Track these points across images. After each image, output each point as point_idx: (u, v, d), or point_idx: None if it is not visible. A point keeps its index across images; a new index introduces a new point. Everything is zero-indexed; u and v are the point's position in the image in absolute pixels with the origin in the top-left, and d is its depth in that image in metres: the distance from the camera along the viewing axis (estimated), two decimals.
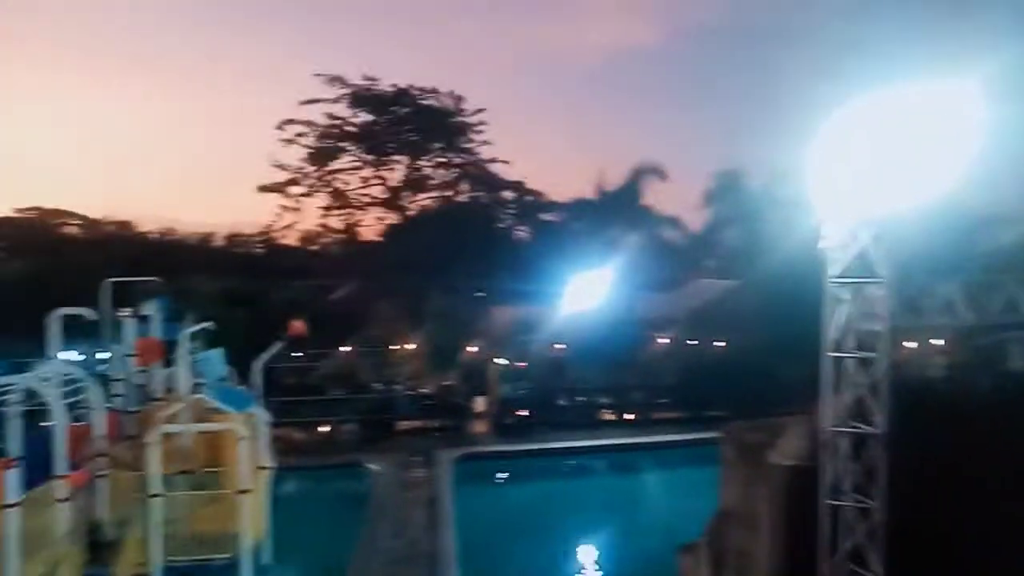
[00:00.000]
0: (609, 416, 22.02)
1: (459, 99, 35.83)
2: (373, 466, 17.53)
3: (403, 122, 35.59)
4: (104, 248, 37.71)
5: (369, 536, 13.14)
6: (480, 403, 22.01)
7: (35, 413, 11.45)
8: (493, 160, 36.15)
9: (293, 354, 21.99)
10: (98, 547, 10.74)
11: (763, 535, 8.37)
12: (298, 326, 16.76)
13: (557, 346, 22.66)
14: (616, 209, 27.31)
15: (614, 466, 19.26)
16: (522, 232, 34.80)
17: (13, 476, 9.28)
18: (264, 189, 34.84)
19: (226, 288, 24.98)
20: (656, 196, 27.97)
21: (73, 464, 10.61)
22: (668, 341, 23.08)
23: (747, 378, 20.42)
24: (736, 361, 21.97)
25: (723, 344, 23.04)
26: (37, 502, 9.75)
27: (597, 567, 13.64)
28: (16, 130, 51.44)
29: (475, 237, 29.15)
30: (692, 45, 47.55)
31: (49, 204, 41.51)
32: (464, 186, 36.40)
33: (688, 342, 23.16)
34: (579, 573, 13.41)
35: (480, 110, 35.80)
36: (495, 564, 13.11)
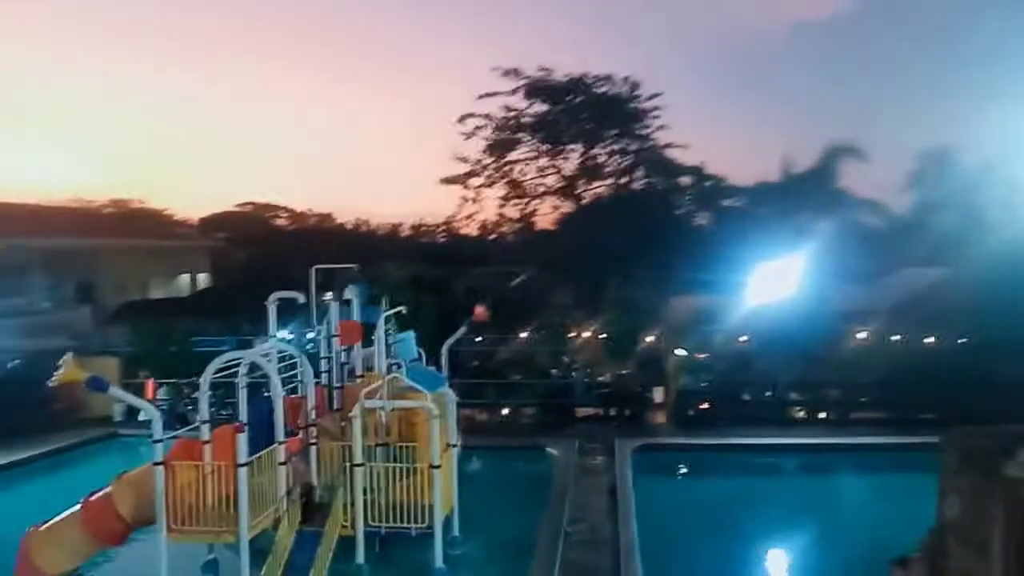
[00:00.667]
0: (800, 414, 20.61)
1: (635, 85, 35.25)
2: (552, 450, 17.77)
3: (578, 111, 35.65)
4: (308, 238, 41.58)
5: (551, 519, 13.29)
6: (659, 393, 21.52)
7: (250, 385, 12.82)
8: (669, 145, 35.23)
9: (475, 339, 22.85)
10: (310, 508, 11.78)
11: (995, 558, 7.39)
12: (481, 312, 17.28)
13: (741, 338, 21.58)
14: (806, 192, 25.52)
15: (806, 467, 18.01)
16: (702, 219, 33.59)
17: (243, 439, 10.43)
18: (446, 181, 36.51)
19: (415, 275, 26.42)
20: (853, 178, 25.74)
21: (289, 431, 11.71)
22: (868, 335, 21.14)
23: (962, 378, 18.34)
24: (949, 359, 19.78)
25: (932, 340, 20.78)
26: (262, 463, 10.88)
27: (790, 569, 12.84)
28: (236, 132, 58.00)
29: (652, 224, 28.56)
30: (888, 11, 43.22)
31: (262, 199, 46.46)
32: (639, 173, 35.78)
33: (892, 337, 21.09)
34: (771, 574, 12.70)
35: (656, 95, 35.01)
36: (677, 558, 12.73)
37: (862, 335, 21.23)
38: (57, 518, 11.32)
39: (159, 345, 23.47)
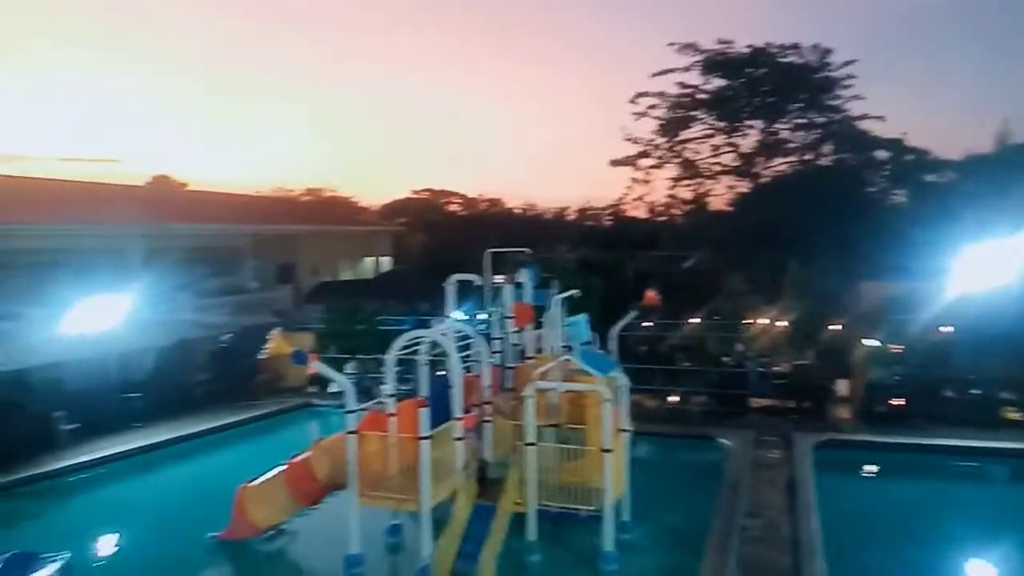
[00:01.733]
0: (1014, 415, 18.21)
1: (824, 52, 32.60)
2: (725, 441, 17.11)
3: (758, 84, 33.68)
4: (479, 222, 43.00)
5: (723, 511, 12.82)
6: (843, 386, 19.95)
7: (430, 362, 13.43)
8: (863, 117, 32.28)
9: (644, 323, 22.47)
10: (484, 483, 12.21)
11: None
12: (652, 296, 16.99)
13: (943, 329, 19.42)
14: None
15: (1018, 475, 15.93)
16: (899, 196, 30.55)
17: (425, 414, 11.00)
18: (616, 163, 36.05)
19: (583, 258, 26.46)
20: None
21: (465, 408, 12.18)
22: None
23: None
24: None
25: None
26: (441, 437, 11.41)
27: None
28: (412, 121, 61.13)
29: (840, 203, 26.37)
30: None
31: (438, 186, 48.63)
32: (827, 148, 33.18)
33: None
34: None
35: (849, 62, 32.16)
36: (862, 561, 11.77)
37: None
38: (265, 477, 12.66)
39: (347, 323, 25.40)
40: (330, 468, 12.10)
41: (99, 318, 19.34)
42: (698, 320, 23.66)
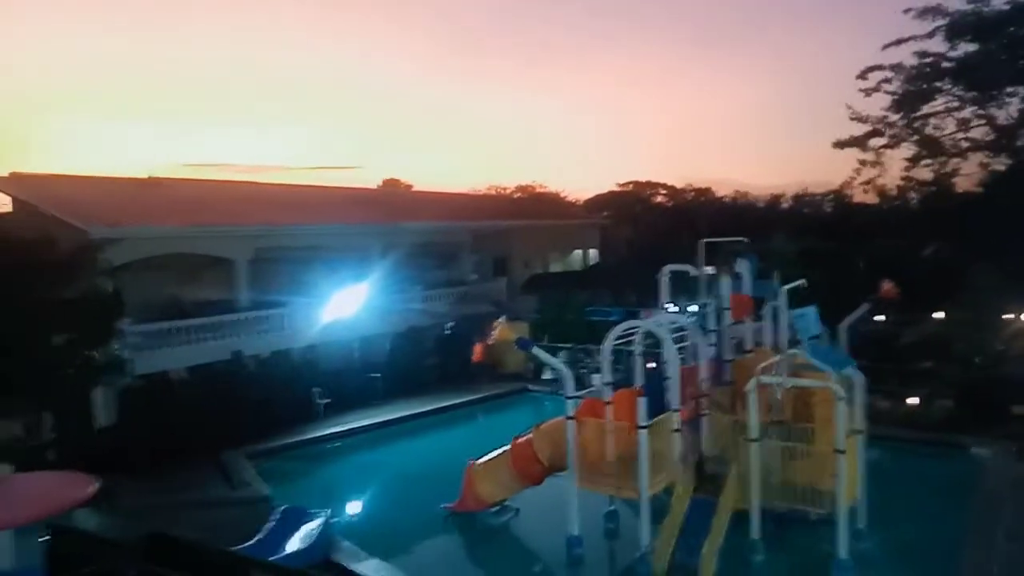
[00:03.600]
0: None
1: None
2: (979, 450, 15.21)
3: (1019, 45, 29.10)
4: (687, 213, 41.96)
5: (977, 530, 11.44)
6: None
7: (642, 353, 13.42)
8: None
9: (876, 318, 20.57)
10: (702, 477, 12.01)
11: None
12: (889, 288, 15.50)
13: None
14: None
15: None
16: None
17: (642, 403, 11.07)
18: (840, 145, 33.20)
19: (806, 247, 24.83)
20: None
21: (682, 401, 12.05)
22: None
23: None
24: None
25: None
26: (659, 428, 11.41)
27: None
28: (608, 116, 61.03)
29: None
30: None
31: (642, 178, 48.18)
32: None
33: None
34: None
35: None
36: None
37: None
38: (491, 455, 13.51)
39: (559, 313, 26.15)
40: (551, 451, 12.63)
41: (345, 306, 21.81)
42: (941, 315, 21.19)
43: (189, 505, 13.88)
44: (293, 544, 11.50)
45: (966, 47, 29.40)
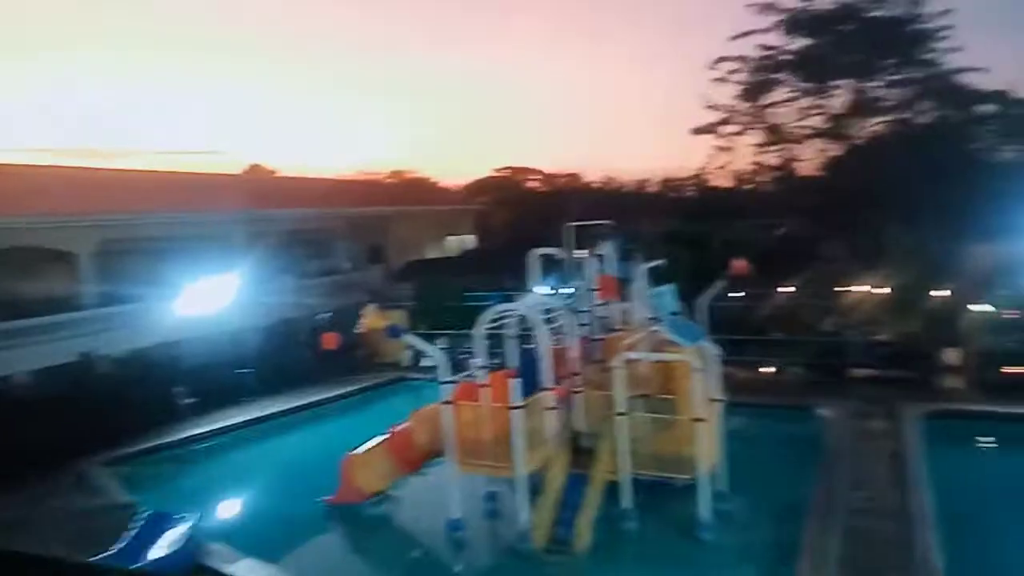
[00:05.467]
0: None
1: (916, 3, 30.58)
2: (823, 411, 16.64)
3: (847, 41, 31.88)
4: (559, 197, 42.92)
5: (824, 483, 12.54)
6: (952, 355, 18.97)
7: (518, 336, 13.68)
8: (963, 70, 30.17)
9: (732, 294, 21.97)
10: (577, 453, 12.41)
11: None
12: (740, 265, 16.58)
13: None
14: None
15: None
16: (1010, 152, 28.50)
17: (516, 384, 11.27)
18: (697, 131, 35.06)
19: (668, 230, 26.05)
20: None
21: (555, 380, 12.38)
22: None
23: None
24: None
25: None
26: (533, 407, 11.67)
27: None
28: (488, 100, 61.34)
29: (943, 163, 24.85)
30: None
31: (517, 163, 48.82)
32: (925, 105, 31.22)
33: None
34: None
35: (946, 11, 30.03)
36: (980, 534, 11.29)
37: None
38: (369, 444, 13.30)
39: (436, 299, 26.06)
40: (428, 436, 12.60)
41: (209, 300, 20.63)
42: (791, 290, 22.96)
43: (42, 518, 12.76)
44: (157, 551, 10.84)
45: (801, 41, 31.83)
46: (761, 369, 20.40)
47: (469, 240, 38.04)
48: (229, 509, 14.89)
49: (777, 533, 11.33)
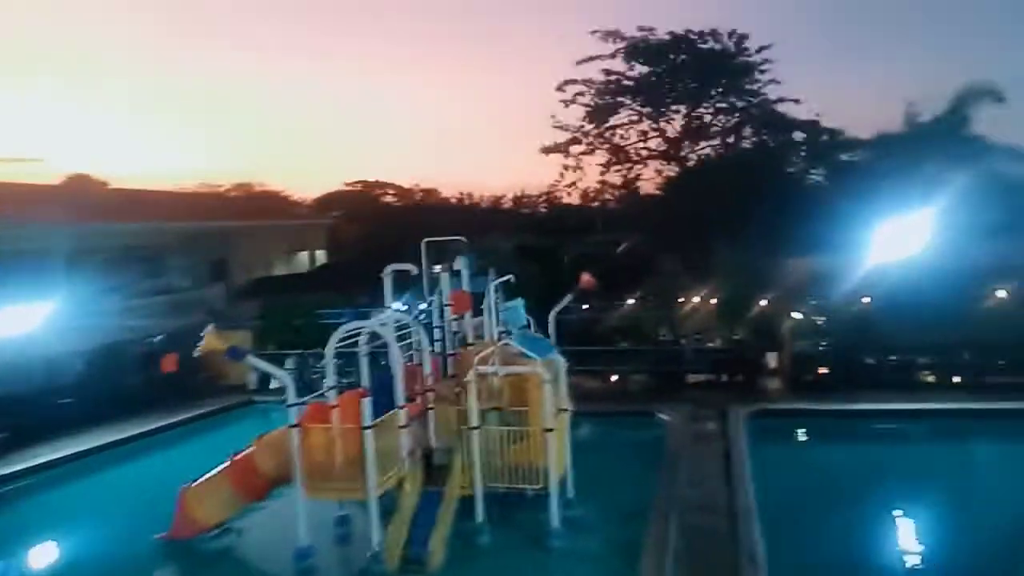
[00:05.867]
0: (930, 378, 19.41)
1: (741, 38, 33.73)
2: (664, 416, 17.69)
3: (681, 70, 34.56)
4: (415, 213, 42.82)
5: (665, 483, 13.32)
6: (773, 359, 20.91)
7: (371, 353, 13.49)
8: (780, 100, 33.59)
9: (582, 307, 22.94)
10: (431, 470, 12.36)
11: None
12: (587, 279, 17.32)
13: (863, 299, 20.50)
14: (934, 141, 23.67)
15: (938, 434, 17.02)
16: (818, 175, 31.93)
17: (367, 403, 11.07)
18: (546, 150, 36.41)
19: (520, 245, 26.70)
20: (990, 123, 23.58)
21: (407, 398, 12.29)
22: (1008, 294, 19.55)
23: None
24: None
25: None
26: (385, 427, 11.50)
27: (921, 542, 12.28)
28: (341, 113, 60.17)
29: (763, 184, 27.42)
30: None
31: (371, 177, 48.16)
32: (748, 131, 34.36)
33: None
34: (905, 546, 12.18)
35: (764, 47, 33.34)
36: (796, 523, 12.48)
37: (1001, 293, 19.68)
38: (208, 474, 12.49)
39: (285, 318, 25.04)
40: (274, 462, 12.04)
41: (20, 322, 18.56)
42: (634, 301, 24.27)
43: None
44: None
45: (640, 68, 34.07)
46: (610, 378, 21.39)
47: (321, 256, 36.97)
48: (47, 555, 13.41)
49: (622, 534, 11.85)
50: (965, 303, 19.33)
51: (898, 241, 19.91)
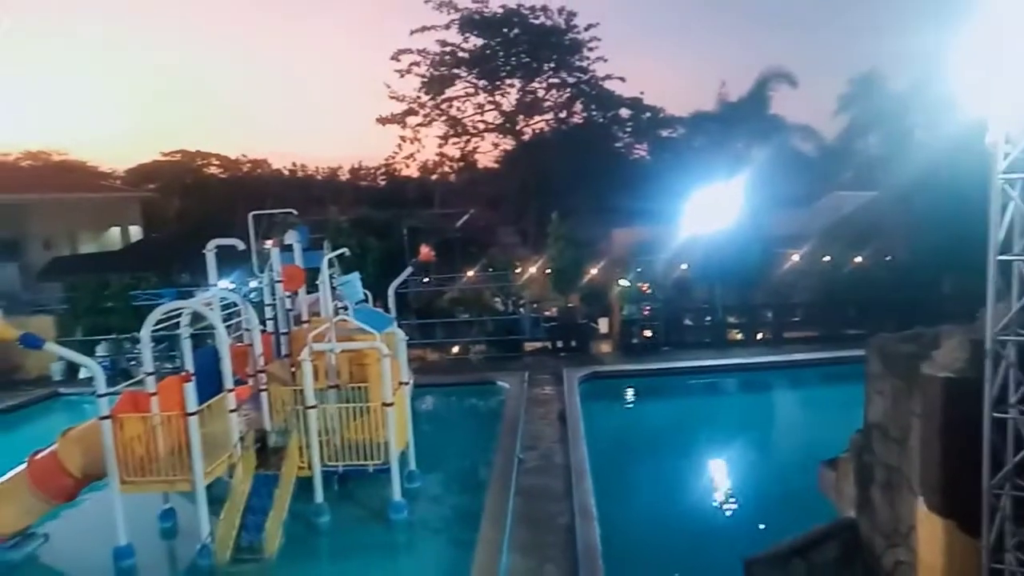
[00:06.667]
0: (738, 336, 21.50)
1: (570, 15, 34.64)
2: (503, 383, 18.15)
3: (514, 44, 34.93)
4: (243, 185, 40.38)
5: (504, 448, 13.70)
6: (603, 324, 22.09)
7: (196, 335, 12.67)
8: (608, 77, 35.00)
9: (422, 280, 22.91)
10: (265, 452, 11.86)
11: (916, 450, 8.02)
12: (426, 252, 17.26)
13: (682, 266, 22.17)
14: (741, 120, 25.83)
15: (745, 384, 18.94)
16: (641, 150, 33.82)
17: (190, 388, 10.38)
18: (383, 121, 35.59)
19: (358, 218, 26.04)
20: (786, 104, 26.12)
21: (238, 379, 11.68)
22: (801, 258, 22.01)
23: (890, 292, 19.48)
24: (877, 275, 20.88)
25: (861, 259, 21.78)
26: (212, 411, 10.86)
27: (733, 480, 13.62)
28: (156, 79, 55.09)
29: (593, 158, 28.63)
30: None
31: (192, 147, 44.64)
32: (578, 106, 35.58)
33: (823, 258, 22.01)
34: (714, 488, 13.43)
35: (592, 25, 34.51)
36: (629, 477, 13.38)
37: (796, 258, 22.09)
38: (3, 479, 11.16)
39: (95, 300, 22.75)
40: (83, 459, 10.98)
41: None
42: (474, 273, 24.60)
43: None
44: None
45: (475, 40, 34.08)
46: (451, 349, 21.59)
47: (135, 232, 33.91)
48: None
49: (463, 501, 12.10)
50: (767, 267, 21.51)
51: (711, 211, 21.61)
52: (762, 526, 10.91)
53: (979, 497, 6.89)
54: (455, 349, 21.66)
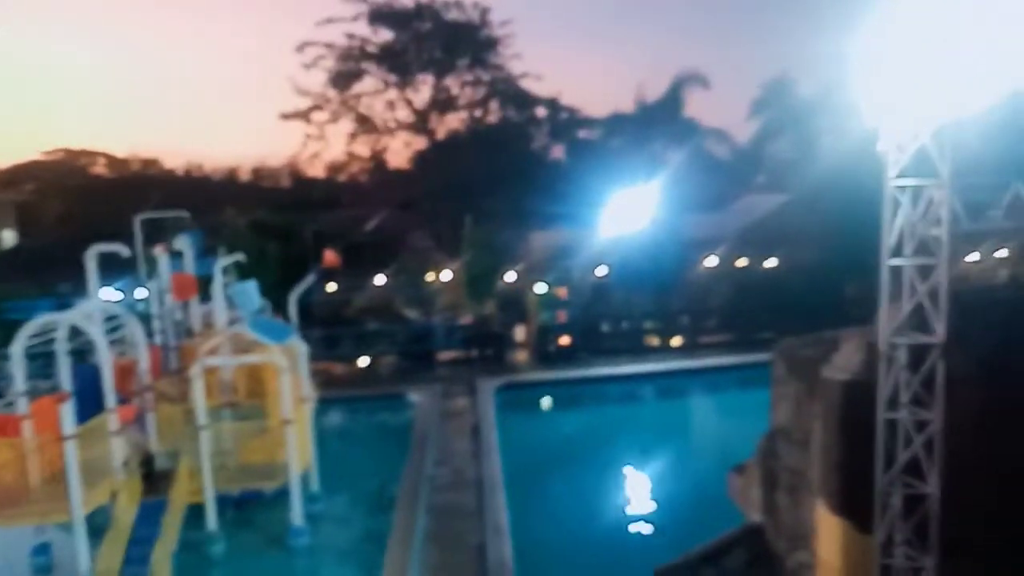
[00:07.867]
0: (655, 341, 21.56)
1: (485, 11, 34.11)
2: (414, 396, 17.56)
3: (426, 39, 34.07)
4: (132, 186, 37.81)
5: (414, 465, 13.19)
6: (520, 332, 21.79)
7: (75, 351, 11.58)
8: (524, 76, 34.65)
9: (328, 286, 21.94)
10: (152, 477, 10.93)
11: (816, 452, 8.11)
12: (331, 257, 16.55)
13: (599, 271, 22.05)
14: (657, 123, 26.09)
15: (661, 392, 19.04)
16: (558, 151, 33.68)
17: (67, 409, 9.38)
18: (286, 117, 34.06)
19: (256, 221, 24.76)
20: (700, 108, 26.42)
21: (122, 398, 10.70)
22: (715, 262, 22.24)
23: (799, 296, 19.77)
24: (787, 279, 21.22)
25: (773, 262, 22.17)
26: (92, 434, 9.86)
27: (647, 490, 13.61)
28: (38, 71, 51.06)
29: (508, 159, 28.29)
30: None
31: (75, 145, 41.51)
32: (493, 105, 35.10)
33: (737, 263, 22.33)
34: (630, 497, 13.37)
35: (507, 22, 34.15)
36: (543, 490, 13.15)
37: (710, 262, 22.25)
38: None
39: None
40: None
41: None
42: (384, 279, 23.79)
43: None
44: None
45: (385, 34, 33.09)
46: (359, 361, 20.75)
47: (8, 237, 31.15)
48: None
49: (369, 523, 11.51)
50: (682, 271, 21.70)
51: (628, 214, 21.63)
52: (676, 534, 10.88)
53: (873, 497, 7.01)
54: (363, 361, 20.81)
